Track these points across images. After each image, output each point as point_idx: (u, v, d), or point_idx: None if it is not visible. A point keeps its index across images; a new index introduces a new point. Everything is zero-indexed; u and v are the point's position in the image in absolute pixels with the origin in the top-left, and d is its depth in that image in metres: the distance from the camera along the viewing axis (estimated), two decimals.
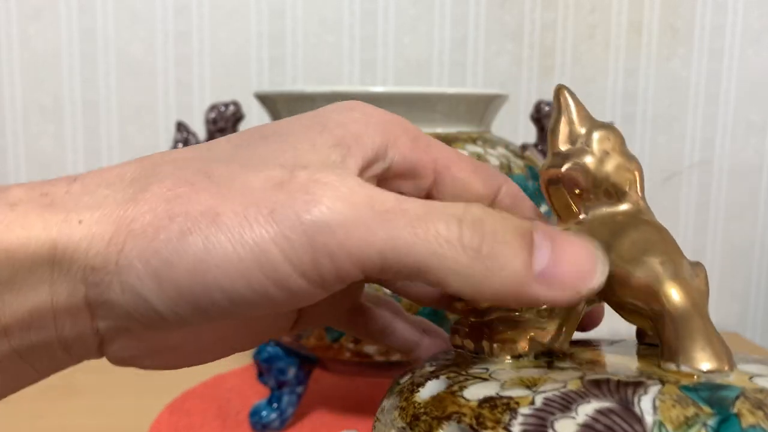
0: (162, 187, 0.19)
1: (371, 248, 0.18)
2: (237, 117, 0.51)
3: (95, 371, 0.61)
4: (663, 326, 0.21)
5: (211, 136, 0.51)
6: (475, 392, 0.20)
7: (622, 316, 0.23)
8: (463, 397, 0.20)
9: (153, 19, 0.68)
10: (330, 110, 0.22)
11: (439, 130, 0.44)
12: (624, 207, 0.23)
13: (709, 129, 0.76)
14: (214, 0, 0.69)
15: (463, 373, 0.22)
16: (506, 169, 0.43)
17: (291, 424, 0.50)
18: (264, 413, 0.49)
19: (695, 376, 0.20)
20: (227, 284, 0.18)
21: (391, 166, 0.22)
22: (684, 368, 0.20)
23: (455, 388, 0.21)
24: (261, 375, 0.49)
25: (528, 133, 0.73)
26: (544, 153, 0.47)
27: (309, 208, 0.18)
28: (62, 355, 0.20)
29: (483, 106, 0.45)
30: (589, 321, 0.26)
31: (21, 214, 0.18)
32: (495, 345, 0.23)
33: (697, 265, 0.22)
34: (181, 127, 0.52)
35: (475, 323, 0.24)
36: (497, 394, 0.20)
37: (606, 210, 0.23)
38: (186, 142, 0.52)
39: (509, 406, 0.19)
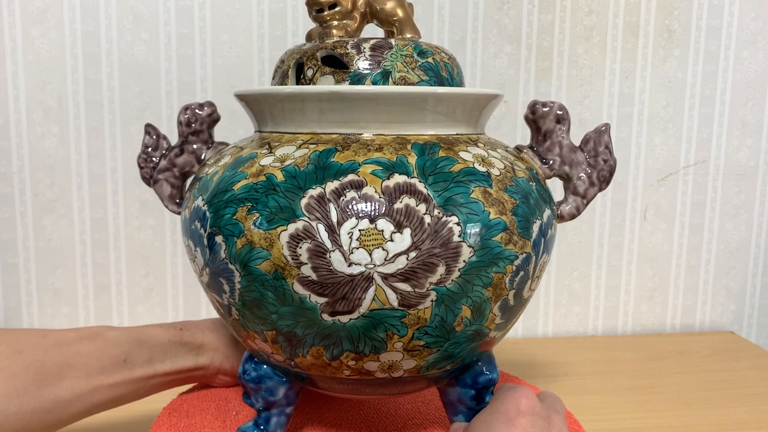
0: None
1: None
2: (213, 119, 0.48)
3: None
4: None
5: (184, 138, 0.48)
6: None
7: None
8: None
9: (155, 21, 0.69)
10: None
11: (436, 131, 0.44)
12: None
13: (704, 130, 0.77)
14: (215, 2, 0.69)
15: None
16: (511, 171, 0.43)
17: None
18: None
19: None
20: None
21: None
22: None
23: None
24: (247, 396, 0.46)
25: (526, 135, 0.73)
26: (539, 154, 0.47)
27: None
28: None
29: (479, 107, 0.45)
30: None
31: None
32: None
33: None
34: (149, 129, 0.49)
35: None
36: None
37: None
38: (156, 147, 0.48)
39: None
